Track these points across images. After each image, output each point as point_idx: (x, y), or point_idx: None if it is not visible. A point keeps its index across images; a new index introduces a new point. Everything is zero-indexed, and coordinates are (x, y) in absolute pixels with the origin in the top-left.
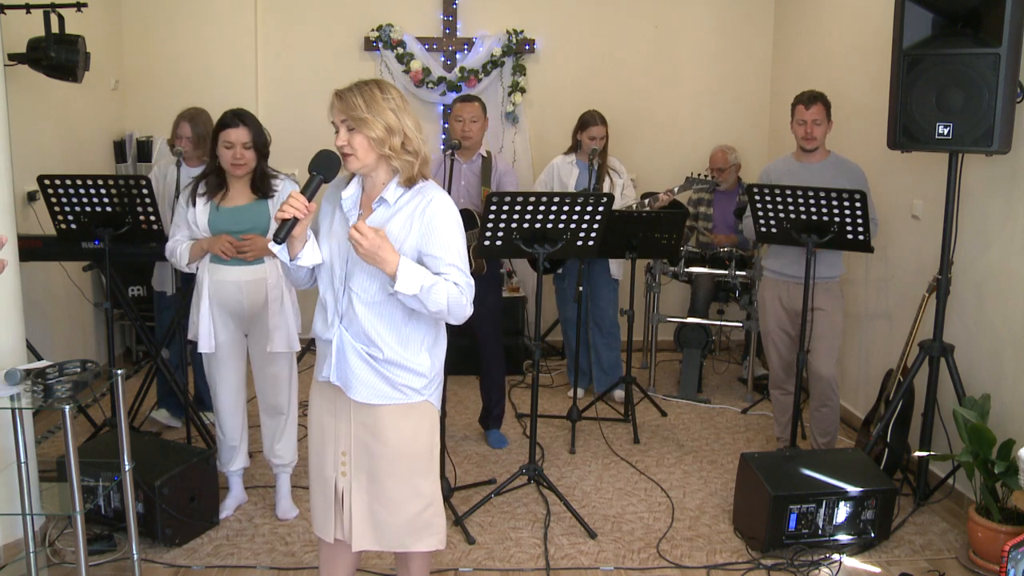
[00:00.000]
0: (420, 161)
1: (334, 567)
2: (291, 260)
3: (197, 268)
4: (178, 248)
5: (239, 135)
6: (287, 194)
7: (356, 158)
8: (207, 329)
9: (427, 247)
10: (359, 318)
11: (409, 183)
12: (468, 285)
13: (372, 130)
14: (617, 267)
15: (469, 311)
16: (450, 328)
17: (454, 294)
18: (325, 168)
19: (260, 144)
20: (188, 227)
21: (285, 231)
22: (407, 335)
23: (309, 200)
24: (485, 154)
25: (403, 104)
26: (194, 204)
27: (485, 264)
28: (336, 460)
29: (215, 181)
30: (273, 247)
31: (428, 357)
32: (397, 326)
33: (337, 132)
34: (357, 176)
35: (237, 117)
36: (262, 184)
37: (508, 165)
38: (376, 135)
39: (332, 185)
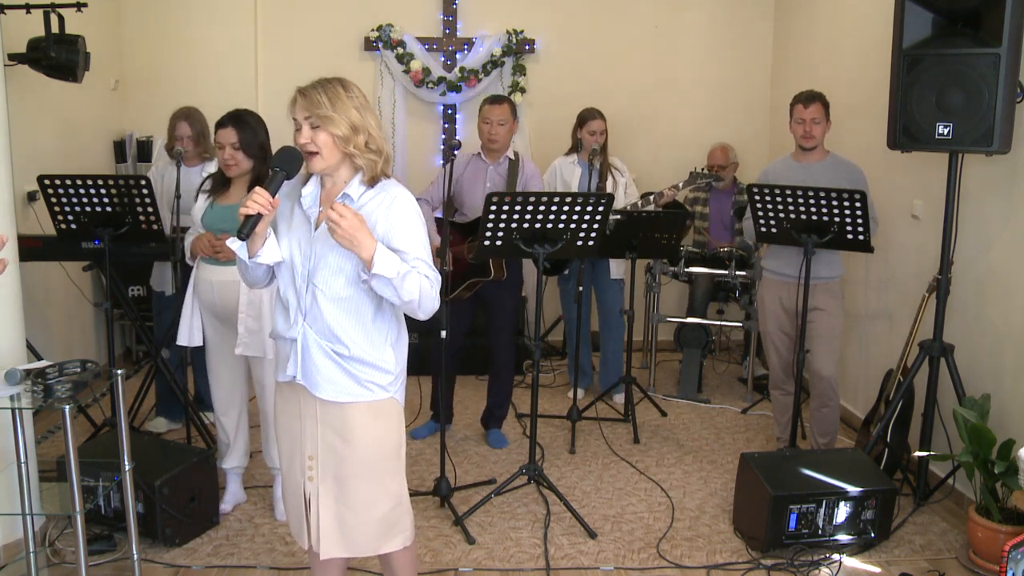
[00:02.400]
0: (383, 160)
1: (325, 568)
2: (250, 258)
3: None
4: (187, 240)
5: (227, 135)
6: None
7: (321, 158)
8: (187, 323)
9: (393, 242)
10: (324, 315)
11: (372, 182)
12: (435, 279)
13: (337, 128)
14: (617, 267)
15: (437, 304)
16: (458, 328)
17: (425, 286)
18: (287, 164)
19: (251, 146)
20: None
21: (249, 227)
22: (372, 331)
23: (272, 196)
24: (513, 156)
25: (366, 103)
26: (197, 199)
27: (505, 269)
28: (303, 465)
29: (220, 178)
30: (233, 244)
31: (392, 353)
32: (363, 322)
33: (299, 129)
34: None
35: (230, 118)
36: (256, 186)
37: (535, 168)
38: (341, 133)
39: (290, 182)
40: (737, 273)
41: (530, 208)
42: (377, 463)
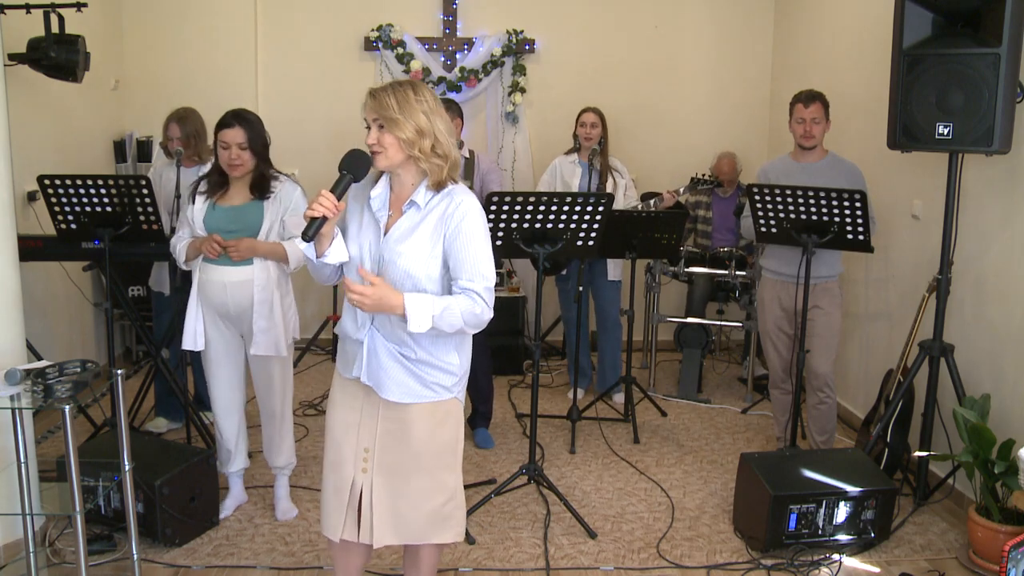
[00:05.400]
0: (450, 165)
1: (348, 565)
2: (317, 258)
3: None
4: (178, 245)
5: (234, 135)
6: (285, 196)
7: (385, 156)
8: (192, 327)
9: (454, 251)
10: (392, 318)
11: (438, 187)
12: (487, 290)
13: (403, 131)
14: (614, 269)
15: (488, 315)
16: None
17: (467, 309)
18: (355, 167)
19: (257, 145)
20: (189, 225)
21: (314, 229)
22: (439, 334)
23: (338, 199)
24: (468, 154)
25: (436, 107)
26: (194, 202)
27: None
28: (357, 456)
29: (216, 180)
30: (300, 244)
31: (457, 355)
32: None
33: (368, 130)
34: (385, 175)
35: (234, 117)
36: (260, 185)
37: (492, 163)
38: (406, 136)
39: (359, 184)
40: (737, 273)
41: (530, 208)
42: (436, 459)
